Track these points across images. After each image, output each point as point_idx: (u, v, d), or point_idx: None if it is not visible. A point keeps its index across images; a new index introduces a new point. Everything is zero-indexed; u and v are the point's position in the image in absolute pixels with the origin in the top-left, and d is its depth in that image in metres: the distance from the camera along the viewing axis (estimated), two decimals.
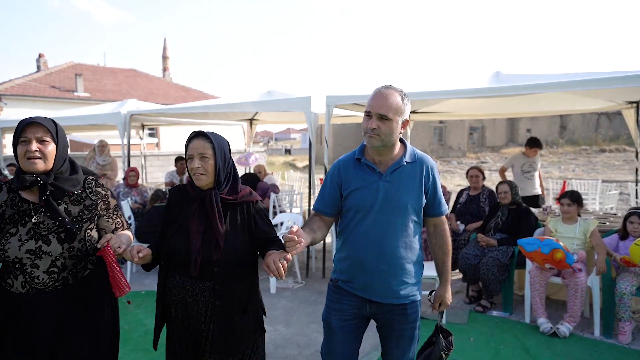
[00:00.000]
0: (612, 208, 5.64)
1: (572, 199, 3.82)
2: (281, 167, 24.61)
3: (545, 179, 15.69)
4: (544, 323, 3.55)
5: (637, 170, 6.32)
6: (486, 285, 4.01)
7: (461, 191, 5.25)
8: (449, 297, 2.09)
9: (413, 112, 7.47)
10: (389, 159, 1.90)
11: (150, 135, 21.36)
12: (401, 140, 1.94)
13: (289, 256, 1.65)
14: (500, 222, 4.22)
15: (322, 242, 4.95)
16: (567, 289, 3.52)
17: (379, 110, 1.80)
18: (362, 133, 1.88)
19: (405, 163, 1.88)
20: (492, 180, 16.23)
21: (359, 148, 1.97)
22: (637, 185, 6.24)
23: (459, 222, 5.00)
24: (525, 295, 3.78)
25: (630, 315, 3.37)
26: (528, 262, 3.87)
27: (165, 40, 29.69)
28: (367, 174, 1.90)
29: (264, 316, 2.02)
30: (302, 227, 1.81)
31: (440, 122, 28.34)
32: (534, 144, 6.30)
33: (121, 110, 6.32)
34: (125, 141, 6.42)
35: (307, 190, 5.03)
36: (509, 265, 3.95)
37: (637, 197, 6.19)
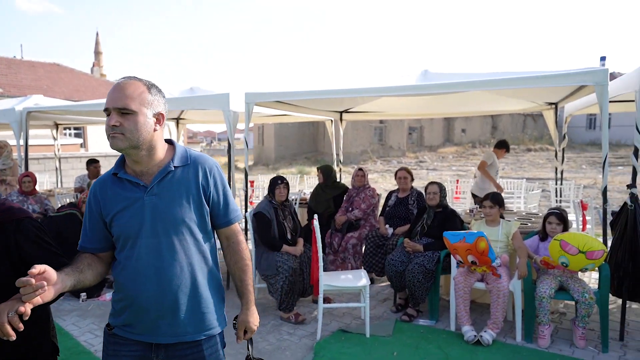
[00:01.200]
0: (534, 207, 5.76)
1: (494, 201, 3.74)
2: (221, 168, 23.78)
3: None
4: (468, 331, 3.42)
5: (556, 169, 6.53)
6: (412, 293, 3.83)
7: (390, 193, 5.09)
8: (254, 321, 1.72)
9: (346, 111, 7.31)
10: (153, 166, 1.55)
11: (77, 135, 19.86)
12: (169, 141, 1.62)
13: (22, 308, 1.23)
14: (426, 225, 4.08)
15: None
16: (490, 294, 3.41)
17: (117, 103, 1.45)
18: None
19: (174, 168, 1.56)
20: (426, 180, 16.69)
21: (117, 161, 1.60)
22: (556, 183, 6.45)
23: (387, 226, 4.83)
24: (450, 303, 3.64)
25: (549, 318, 3.31)
26: (453, 267, 3.75)
27: (97, 34, 27.77)
28: (129, 191, 1.53)
29: None
30: (65, 267, 1.44)
31: (381, 122, 28.80)
32: (502, 145, 6.42)
33: (16, 107, 5.56)
34: (22, 142, 5.66)
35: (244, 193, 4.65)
36: (434, 271, 3.80)
37: (557, 196, 6.39)
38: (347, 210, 5.21)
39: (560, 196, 6.32)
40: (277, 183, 4.08)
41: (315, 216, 3.83)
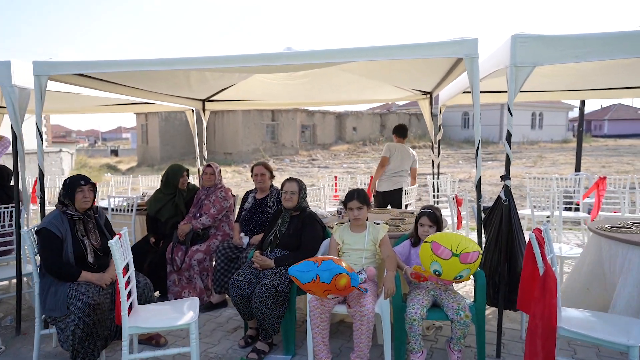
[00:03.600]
0: (410, 205, 5.35)
1: (361, 199, 3.04)
2: (96, 170, 20.91)
3: (366, 174, 16.07)
4: None
5: (433, 162, 6.24)
6: (261, 323, 2.97)
7: (247, 194, 4.19)
8: None
9: (208, 99, 6.25)
10: None
11: None
12: None
13: None
14: (279, 234, 3.25)
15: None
16: (352, 321, 2.68)
17: None
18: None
19: None
20: (316, 178, 16.25)
21: None
22: (433, 177, 6.15)
23: (242, 234, 3.92)
24: (307, 332, 2.85)
25: (420, 345, 2.69)
26: None
27: None
28: None
29: None
30: None
31: (273, 119, 28.05)
32: (395, 132, 5.93)
33: None
34: None
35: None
36: (287, 293, 2.99)
37: (434, 190, 6.09)
38: (194, 216, 4.19)
39: (438, 191, 6.01)
40: (79, 184, 2.93)
41: (125, 230, 2.77)
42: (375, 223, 3.32)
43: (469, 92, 5.44)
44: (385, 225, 3.12)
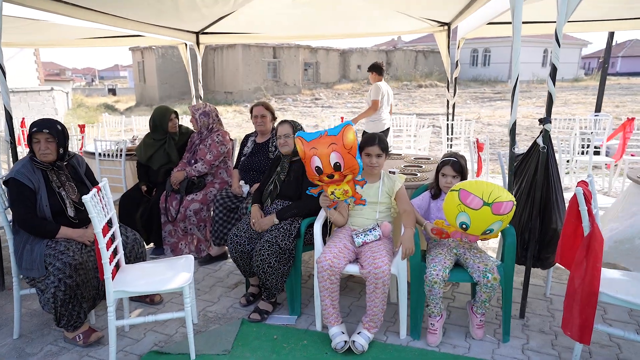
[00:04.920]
0: (424, 149, 4.95)
1: (382, 145, 2.63)
2: (93, 110, 20.30)
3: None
4: (336, 336, 2.41)
5: (447, 102, 5.75)
6: (264, 283, 2.70)
7: (246, 137, 3.79)
8: None
9: (203, 31, 5.66)
10: None
11: None
12: None
13: None
14: (278, 182, 2.90)
15: None
16: (365, 281, 2.39)
17: None
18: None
19: None
20: (320, 119, 15.62)
21: None
22: (447, 119, 5.70)
23: (242, 182, 3.58)
24: (314, 295, 2.59)
25: (440, 308, 2.42)
26: (317, 242, 2.65)
27: None
28: None
29: None
30: None
31: (274, 57, 26.89)
32: (371, 69, 5.78)
33: None
34: None
35: None
36: (293, 250, 2.69)
37: (448, 133, 5.67)
38: (189, 163, 3.83)
39: (452, 133, 5.59)
40: (34, 132, 2.52)
41: (104, 181, 2.42)
42: (390, 172, 2.96)
43: (495, 23, 4.96)
44: (402, 175, 2.75)
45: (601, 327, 2.20)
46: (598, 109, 8.37)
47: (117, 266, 2.45)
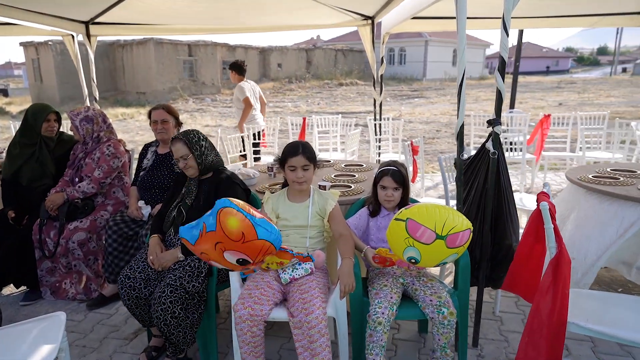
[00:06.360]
0: (353, 152, 4.58)
1: (307, 155, 2.14)
2: None
3: (294, 114, 15.15)
4: None
5: (375, 101, 5.45)
6: (167, 337, 2.10)
7: (145, 148, 3.11)
8: None
9: (93, 21, 4.80)
10: None
11: None
12: None
13: None
14: (183, 208, 2.30)
15: None
16: (293, 332, 1.89)
17: None
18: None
19: None
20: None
21: None
22: (375, 118, 5.39)
23: (141, 203, 2.91)
24: (233, 346, 2.04)
25: (381, 353, 1.98)
26: (232, 280, 2.12)
27: None
28: None
29: None
30: None
31: (190, 55, 25.47)
32: (231, 68, 5.46)
33: None
34: None
35: None
36: (204, 292, 2.13)
37: (377, 133, 5.37)
38: (71, 181, 3.07)
39: (380, 134, 5.29)
40: None
41: None
42: (320, 186, 2.50)
43: (420, 18, 4.73)
44: (335, 191, 2.29)
45: None
46: (512, 105, 8.67)
47: None
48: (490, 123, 2.15)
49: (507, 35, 2.04)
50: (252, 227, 1.63)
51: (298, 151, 2.11)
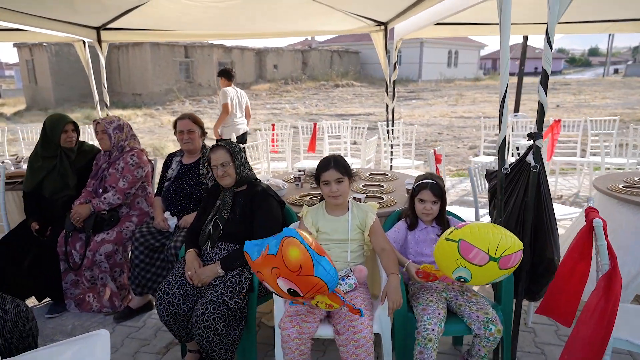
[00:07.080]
0: (370, 160, 4.55)
1: (340, 168, 2.13)
2: None
3: (292, 116, 15.05)
4: None
5: (387, 106, 5.45)
6: (208, 354, 2.08)
7: (169, 158, 3.08)
8: None
9: (105, 27, 4.75)
10: None
11: None
12: None
13: None
14: (220, 222, 2.28)
15: None
16: (339, 348, 1.87)
17: None
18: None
19: None
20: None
21: None
22: (388, 124, 5.39)
23: (167, 214, 2.87)
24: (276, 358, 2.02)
25: None
26: (276, 296, 2.09)
27: None
28: None
29: None
30: None
31: (186, 56, 25.34)
32: (220, 75, 5.48)
33: None
34: None
35: None
36: (245, 309, 2.10)
37: (390, 140, 5.36)
38: (95, 192, 3.03)
39: (393, 139, 5.29)
40: None
41: None
42: (355, 199, 2.48)
43: (443, 24, 4.72)
44: (373, 203, 2.28)
45: None
46: (517, 109, 8.71)
47: None
48: (532, 136, 2.15)
49: (551, 48, 2.04)
50: (311, 262, 1.60)
51: (329, 165, 2.10)
